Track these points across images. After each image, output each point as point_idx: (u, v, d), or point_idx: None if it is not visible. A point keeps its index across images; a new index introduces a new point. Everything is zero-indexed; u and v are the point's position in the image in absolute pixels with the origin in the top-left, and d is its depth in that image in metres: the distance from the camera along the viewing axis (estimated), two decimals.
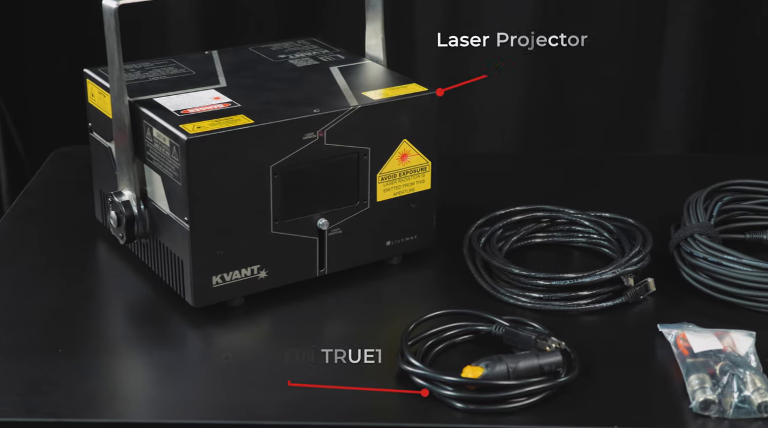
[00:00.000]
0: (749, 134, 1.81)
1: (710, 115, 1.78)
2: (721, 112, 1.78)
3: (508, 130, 1.64)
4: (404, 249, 1.13)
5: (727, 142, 1.81)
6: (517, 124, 1.72)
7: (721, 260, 1.07)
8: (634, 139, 1.82)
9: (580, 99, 1.72)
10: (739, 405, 0.88)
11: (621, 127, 1.79)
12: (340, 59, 1.19)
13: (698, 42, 1.69)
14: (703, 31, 1.67)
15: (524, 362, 0.91)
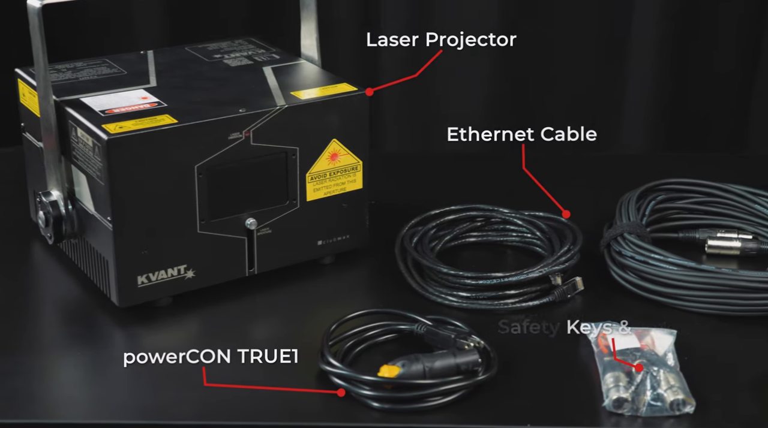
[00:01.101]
0: (716, 133, 1.83)
1: (675, 113, 1.79)
2: (686, 111, 1.79)
3: (468, 129, 1.65)
4: (336, 248, 1.14)
5: (693, 140, 1.82)
6: (479, 122, 1.73)
7: (648, 259, 1.07)
8: (601, 139, 1.82)
9: (540, 97, 1.73)
10: (652, 403, 0.88)
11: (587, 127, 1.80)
12: (275, 59, 1.19)
13: (663, 40, 1.70)
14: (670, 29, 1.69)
15: (441, 361, 0.91)
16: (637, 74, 1.74)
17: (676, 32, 1.70)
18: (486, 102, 1.66)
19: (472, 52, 1.26)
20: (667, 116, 1.77)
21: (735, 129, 1.75)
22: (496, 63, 1.60)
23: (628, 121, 1.81)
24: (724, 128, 1.75)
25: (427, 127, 1.66)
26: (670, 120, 1.79)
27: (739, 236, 1.16)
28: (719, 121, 1.74)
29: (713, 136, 1.77)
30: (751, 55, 1.76)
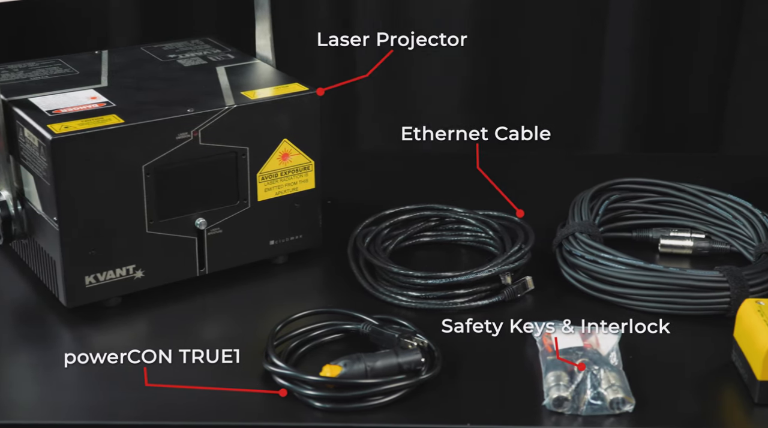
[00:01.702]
0: (692, 134, 1.83)
1: (651, 115, 1.79)
2: (661, 112, 1.79)
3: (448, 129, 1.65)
4: (289, 248, 1.14)
5: (670, 142, 1.83)
6: (456, 121, 1.74)
7: (597, 258, 1.07)
8: (578, 138, 1.83)
9: (516, 97, 1.74)
10: (592, 402, 0.89)
11: (563, 126, 1.80)
12: (229, 59, 1.19)
13: (638, 43, 1.70)
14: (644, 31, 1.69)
15: (383, 360, 0.91)
16: (613, 76, 1.75)
17: (651, 34, 1.71)
18: (444, 102, 1.67)
19: (423, 52, 1.26)
20: (643, 118, 1.77)
21: (711, 130, 1.75)
22: (453, 63, 1.61)
23: (603, 122, 1.81)
24: (700, 130, 1.75)
25: (385, 126, 1.66)
26: (646, 121, 1.79)
27: (691, 235, 1.16)
28: (695, 122, 1.74)
29: (689, 138, 1.77)
30: (726, 57, 1.76)
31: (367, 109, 1.67)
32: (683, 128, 1.79)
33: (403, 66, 1.60)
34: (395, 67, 1.55)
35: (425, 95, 1.67)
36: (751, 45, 1.71)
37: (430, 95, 1.67)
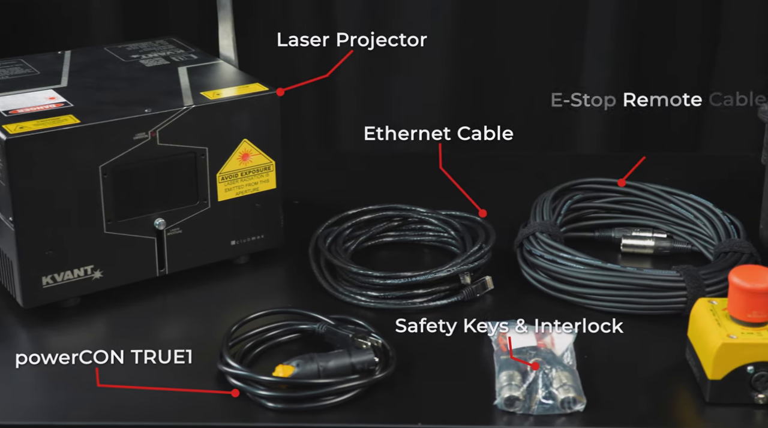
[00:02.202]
0: (671, 135, 1.83)
1: (630, 116, 1.79)
2: (641, 113, 1.79)
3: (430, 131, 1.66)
4: (251, 248, 1.14)
5: (649, 143, 1.83)
6: (434, 122, 1.74)
7: (556, 258, 1.07)
8: (558, 138, 1.83)
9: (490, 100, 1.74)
10: (543, 402, 0.89)
11: (540, 126, 1.81)
12: (192, 59, 1.19)
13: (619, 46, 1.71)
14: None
15: (335, 360, 0.91)
16: (592, 77, 1.75)
17: (632, 36, 1.71)
18: (419, 102, 1.67)
19: (384, 52, 1.26)
20: (622, 119, 1.78)
21: (689, 131, 1.76)
22: (417, 64, 1.61)
23: (585, 122, 1.81)
24: (679, 130, 1.76)
25: (346, 126, 1.66)
26: (626, 122, 1.79)
27: (653, 235, 1.16)
28: (675, 123, 1.74)
29: (669, 139, 1.78)
30: (707, 58, 1.77)
31: (331, 109, 1.67)
32: (660, 128, 1.80)
33: (366, 66, 1.60)
34: (357, 67, 1.55)
35: (389, 95, 1.68)
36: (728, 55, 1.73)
37: (395, 95, 1.67)
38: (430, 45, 1.35)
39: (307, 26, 1.55)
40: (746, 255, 1.07)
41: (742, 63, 1.75)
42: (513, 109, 1.69)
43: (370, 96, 1.66)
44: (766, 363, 0.88)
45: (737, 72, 1.75)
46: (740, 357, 0.88)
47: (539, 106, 1.54)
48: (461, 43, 1.65)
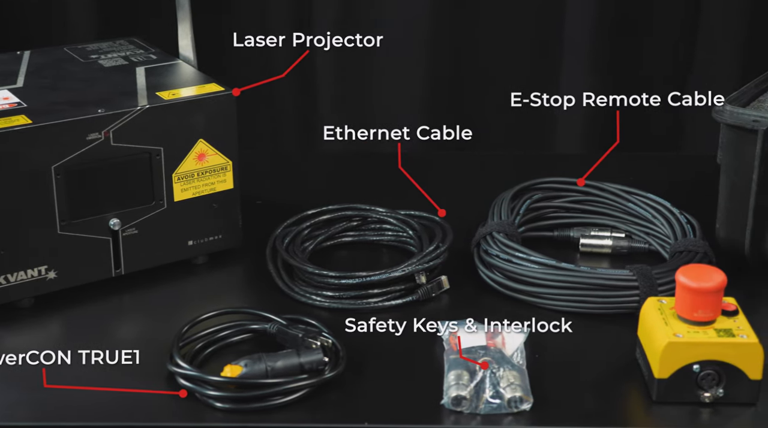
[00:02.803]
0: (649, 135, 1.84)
1: (608, 116, 1.79)
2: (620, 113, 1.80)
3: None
4: (209, 248, 1.13)
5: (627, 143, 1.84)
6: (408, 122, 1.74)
7: (511, 258, 1.08)
8: (538, 139, 1.83)
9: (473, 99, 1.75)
10: (490, 401, 0.89)
11: (520, 126, 1.81)
12: (151, 59, 1.19)
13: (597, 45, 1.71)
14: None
15: (284, 360, 0.91)
16: (571, 77, 1.76)
17: (610, 36, 1.72)
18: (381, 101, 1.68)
19: (339, 52, 1.26)
20: (602, 119, 1.78)
21: (668, 131, 1.77)
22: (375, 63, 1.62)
23: (563, 124, 1.82)
24: (656, 130, 1.76)
25: (308, 126, 1.67)
26: (604, 122, 1.80)
27: (611, 234, 1.17)
28: (654, 123, 1.75)
29: (648, 138, 1.78)
30: (684, 58, 1.77)
31: (292, 108, 1.68)
32: (637, 127, 1.80)
33: (327, 66, 1.61)
34: (315, 67, 1.56)
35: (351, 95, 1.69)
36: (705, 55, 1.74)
37: (365, 95, 1.68)
38: (387, 45, 1.35)
39: (268, 26, 1.55)
40: (700, 255, 1.07)
41: (720, 63, 1.76)
42: (476, 109, 1.70)
43: (329, 95, 1.67)
44: (712, 362, 0.88)
45: (714, 72, 1.76)
46: (686, 356, 0.88)
47: (503, 106, 1.54)
48: (420, 42, 1.66)
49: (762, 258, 1.08)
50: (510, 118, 1.68)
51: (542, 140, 1.81)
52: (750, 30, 1.76)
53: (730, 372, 0.88)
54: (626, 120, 1.79)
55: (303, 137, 1.66)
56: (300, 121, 1.66)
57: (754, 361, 0.88)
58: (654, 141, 1.83)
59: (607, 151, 1.26)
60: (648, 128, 1.80)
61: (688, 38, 1.74)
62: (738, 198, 1.07)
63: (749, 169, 1.05)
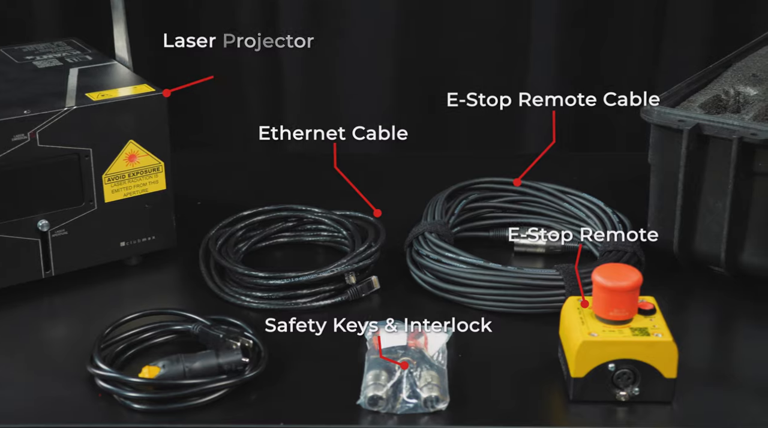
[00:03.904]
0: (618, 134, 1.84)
1: (578, 116, 1.80)
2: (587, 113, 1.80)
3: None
4: (142, 249, 1.13)
5: (596, 142, 1.84)
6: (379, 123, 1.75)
7: (441, 258, 1.08)
8: (504, 139, 1.84)
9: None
10: (407, 401, 0.89)
11: (488, 127, 1.81)
12: (87, 60, 1.18)
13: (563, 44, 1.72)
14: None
15: (202, 361, 0.91)
16: (538, 77, 1.76)
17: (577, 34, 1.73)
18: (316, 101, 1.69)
19: (270, 53, 1.26)
20: (570, 119, 1.79)
21: (635, 130, 1.77)
22: (306, 64, 1.62)
23: (531, 122, 1.82)
24: (623, 130, 1.77)
25: (243, 126, 1.67)
26: (572, 122, 1.80)
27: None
28: (620, 123, 1.76)
29: (616, 138, 1.79)
30: (651, 57, 1.78)
31: (229, 109, 1.69)
32: (601, 127, 1.81)
33: (261, 67, 1.61)
34: (254, 67, 1.56)
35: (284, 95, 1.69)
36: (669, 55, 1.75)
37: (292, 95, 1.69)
38: (318, 46, 1.36)
39: (203, 27, 1.56)
40: (629, 254, 1.08)
41: (683, 63, 1.77)
42: (416, 109, 1.70)
43: (266, 96, 1.68)
44: (627, 361, 0.88)
45: (677, 72, 1.76)
46: (601, 355, 0.88)
47: (440, 106, 1.55)
48: (355, 42, 1.67)
49: (691, 257, 1.09)
50: (446, 118, 1.69)
51: (482, 140, 1.82)
52: (714, 31, 1.78)
53: (645, 371, 0.88)
54: (570, 120, 1.81)
55: (245, 138, 1.66)
56: (242, 122, 1.66)
57: (669, 360, 0.88)
58: (597, 140, 1.83)
59: (543, 152, 1.26)
60: (612, 127, 1.81)
61: (654, 36, 1.75)
62: (666, 197, 1.08)
63: (676, 169, 1.05)
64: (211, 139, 1.69)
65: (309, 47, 1.26)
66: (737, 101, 1.13)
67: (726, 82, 1.15)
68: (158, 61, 1.52)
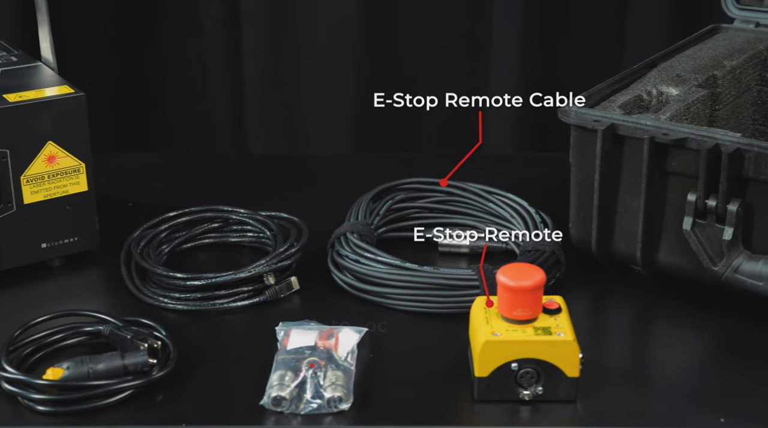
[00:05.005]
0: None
1: (538, 115, 1.80)
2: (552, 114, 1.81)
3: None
4: (64, 251, 1.13)
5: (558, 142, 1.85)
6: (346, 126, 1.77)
7: (360, 258, 1.08)
8: (466, 140, 1.84)
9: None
10: (311, 401, 0.89)
11: (455, 128, 1.82)
12: (11, 61, 1.18)
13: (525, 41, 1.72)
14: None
15: (107, 363, 0.91)
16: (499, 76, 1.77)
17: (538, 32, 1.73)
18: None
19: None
20: (530, 118, 1.79)
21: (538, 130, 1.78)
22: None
23: (492, 123, 1.83)
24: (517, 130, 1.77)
25: (179, 127, 1.68)
26: (533, 121, 1.80)
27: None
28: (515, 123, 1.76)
29: (520, 138, 1.80)
30: (615, 55, 1.79)
31: (160, 109, 1.69)
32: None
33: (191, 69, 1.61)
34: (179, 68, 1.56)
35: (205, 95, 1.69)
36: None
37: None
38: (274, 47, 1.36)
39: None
40: (547, 254, 1.08)
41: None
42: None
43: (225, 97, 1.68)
44: (530, 360, 0.88)
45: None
46: (504, 354, 0.88)
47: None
48: (312, 41, 1.67)
49: (610, 256, 1.09)
50: (405, 119, 1.69)
51: (444, 140, 1.82)
52: (675, 31, 1.79)
53: (548, 370, 0.88)
54: (530, 120, 1.81)
55: (179, 139, 1.66)
56: (174, 122, 1.67)
57: (571, 359, 0.88)
58: (557, 141, 1.84)
59: (470, 152, 1.26)
60: (549, 128, 1.82)
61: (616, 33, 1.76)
62: (585, 197, 1.08)
63: (593, 169, 1.06)
64: (148, 140, 1.69)
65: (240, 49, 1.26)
66: (660, 101, 1.14)
67: (649, 83, 1.15)
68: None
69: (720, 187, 0.99)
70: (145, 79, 1.69)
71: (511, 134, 1.84)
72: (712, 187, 0.99)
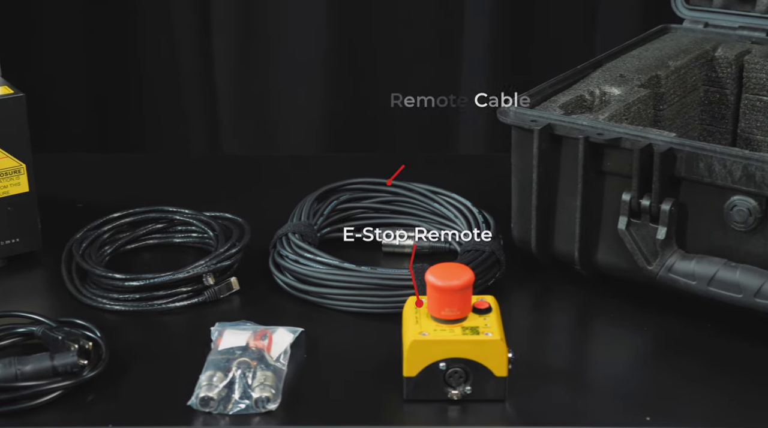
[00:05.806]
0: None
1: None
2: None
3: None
4: (5, 252, 1.13)
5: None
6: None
7: (300, 258, 1.08)
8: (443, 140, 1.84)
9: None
10: (239, 401, 0.89)
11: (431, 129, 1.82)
12: None
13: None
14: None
15: (35, 364, 0.91)
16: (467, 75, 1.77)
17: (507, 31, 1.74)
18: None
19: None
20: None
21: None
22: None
23: (464, 125, 1.83)
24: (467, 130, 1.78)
25: (129, 127, 1.68)
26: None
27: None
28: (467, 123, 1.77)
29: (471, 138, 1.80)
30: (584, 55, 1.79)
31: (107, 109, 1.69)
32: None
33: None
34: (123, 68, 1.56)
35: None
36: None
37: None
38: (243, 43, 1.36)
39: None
40: (486, 253, 1.08)
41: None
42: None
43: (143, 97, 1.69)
44: (458, 360, 0.88)
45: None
46: (432, 354, 0.88)
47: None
48: (282, 36, 1.67)
49: (550, 256, 1.09)
50: (377, 119, 1.70)
51: (415, 141, 1.83)
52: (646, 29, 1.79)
53: (476, 370, 0.88)
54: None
55: (134, 140, 1.66)
56: (122, 122, 1.67)
57: (498, 358, 0.88)
58: (502, 140, 1.85)
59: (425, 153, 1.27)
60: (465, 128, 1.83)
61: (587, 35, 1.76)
62: (525, 197, 1.08)
63: (531, 169, 1.06)
64: (93, 141, 1.69)
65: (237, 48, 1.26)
66: (602, 101, 1.14)
67: (592, 83, 1.15)
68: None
69: (653, 186, 0.99)
70: (120, 81, 1.69)
71: (484, 135, 1.85)
72: (646, 186, 1.00)
